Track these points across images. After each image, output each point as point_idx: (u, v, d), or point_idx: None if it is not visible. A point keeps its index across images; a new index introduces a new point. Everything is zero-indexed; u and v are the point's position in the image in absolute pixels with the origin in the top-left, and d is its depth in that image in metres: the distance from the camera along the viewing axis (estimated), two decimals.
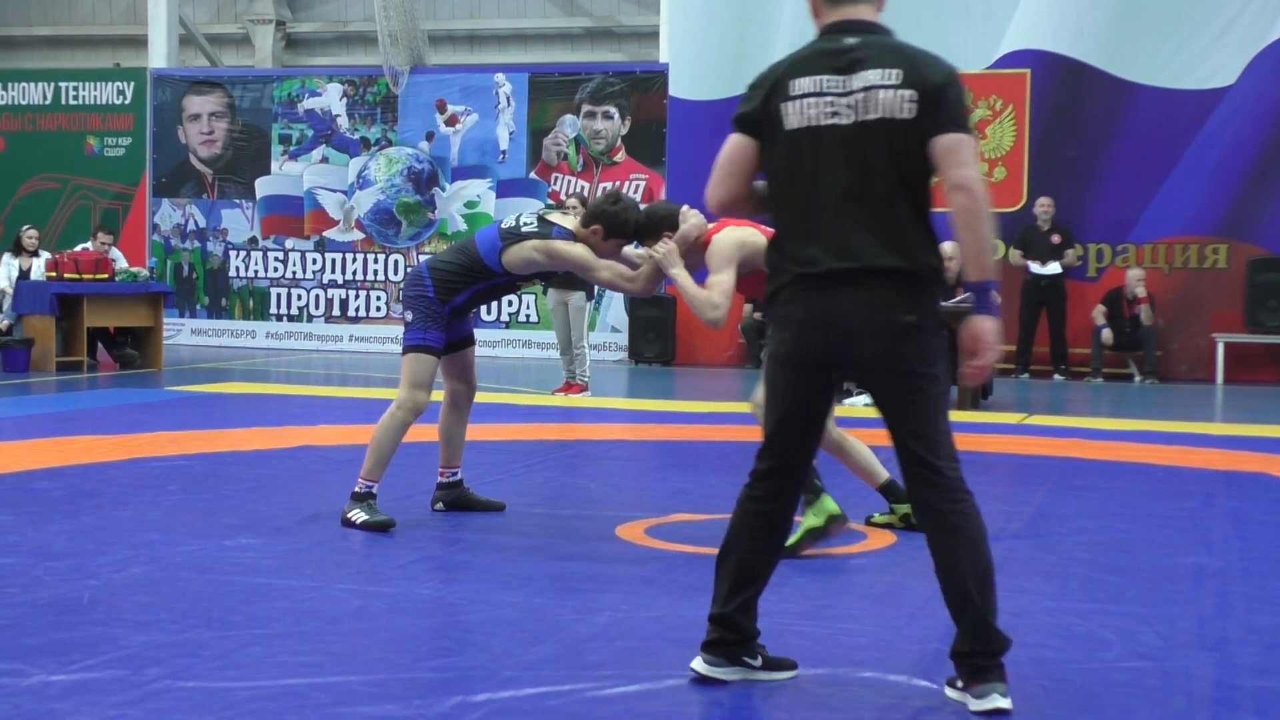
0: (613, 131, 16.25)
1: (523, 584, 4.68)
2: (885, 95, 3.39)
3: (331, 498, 6.11)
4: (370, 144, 17.07)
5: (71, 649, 3.76)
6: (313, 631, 4.04)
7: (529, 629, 4.07)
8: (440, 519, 5.85)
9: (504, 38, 19.55)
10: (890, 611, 4.38)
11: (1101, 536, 5.71)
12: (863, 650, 3.92)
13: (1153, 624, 4.25)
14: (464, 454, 6.02)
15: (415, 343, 5.59)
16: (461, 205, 16.72)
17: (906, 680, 3.64)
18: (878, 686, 3.58)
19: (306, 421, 9.04)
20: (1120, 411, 11.12)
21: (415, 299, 5.62)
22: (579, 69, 16.86)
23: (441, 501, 5.95)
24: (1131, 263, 14.45)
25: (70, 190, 18.14)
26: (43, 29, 20.82)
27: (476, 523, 5.74)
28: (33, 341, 12.94)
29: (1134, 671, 3.74)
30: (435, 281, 5.58)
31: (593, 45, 19.11)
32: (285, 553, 5.06)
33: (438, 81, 16.98)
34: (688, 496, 6.47)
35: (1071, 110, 14.67)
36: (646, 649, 3.94)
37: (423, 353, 5.58)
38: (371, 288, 16.99)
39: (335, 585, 4.61)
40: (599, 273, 5.51)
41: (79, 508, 5.93)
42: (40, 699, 3.34)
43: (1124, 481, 7.31)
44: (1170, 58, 14.43)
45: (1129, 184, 14.54)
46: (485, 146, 16.68)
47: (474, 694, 3.44)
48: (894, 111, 3.39)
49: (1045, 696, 3.52)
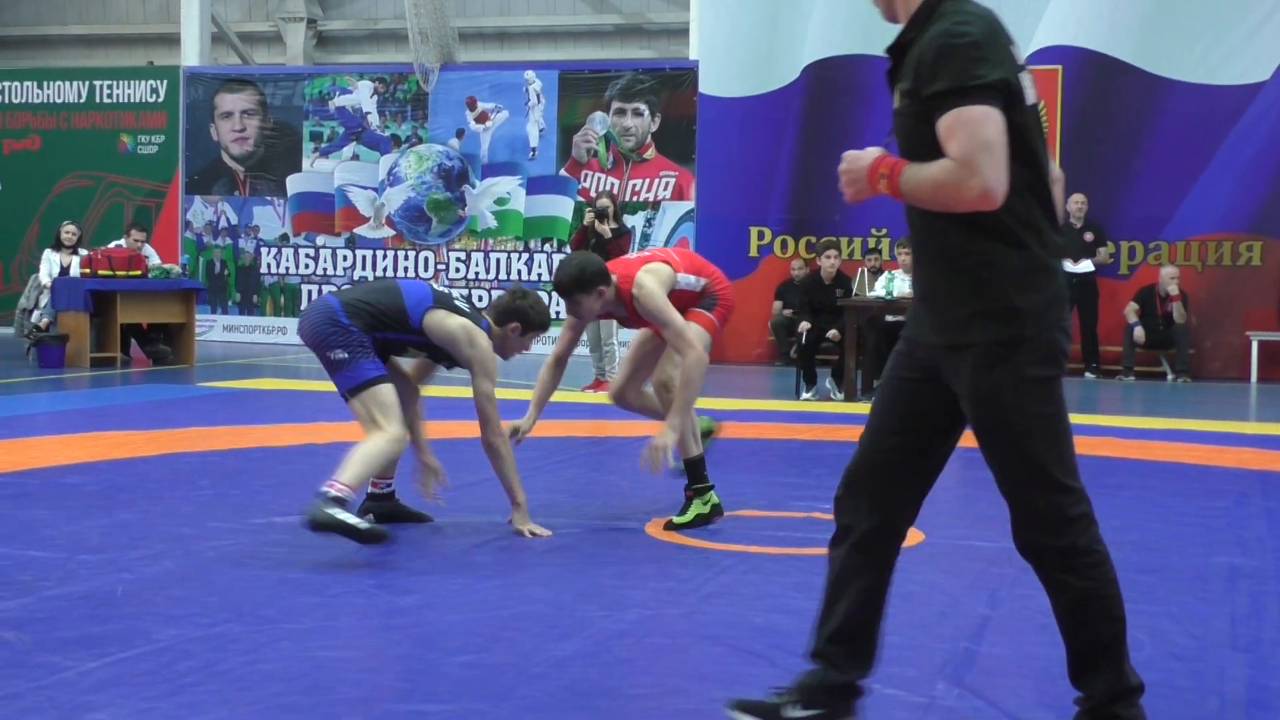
0: (643, 128, 16.25)
1: (551, 581, 4.68)
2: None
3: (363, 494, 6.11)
4: (401, 141, 17.12)
5: (105, 642, 3.79)
6: (344, 627, 4.06)
7: (558, 626, 4.08)
8: (465, 515, 5.85)
9: (534, 35, 19.57)
10: (920, 610, 4.37)
11: (1133, 536, 5.67)
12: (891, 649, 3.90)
13: (1185, 624, 4.22)
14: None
15: (360, 381, 5.12)
16: (492, 202, 16.75)
17: (937, 680, 3.63)
18: (908, 687, 3.57)
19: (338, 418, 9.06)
20: (1152, 410, 11.05)
21: (334, 334, 5.14)
22: (609, 66, 16.87)
23: (372, 513, 5.53)
24: (1164, 260, 14.36)
25: (104, 188, 18.27)
26: (77, 28, 20.96)
27: (503, 517, 5.75)
28: (67, 337, 13.03)
29: (1166, 672, 3.72)
30: (351, 314, 5.17)
31: (623, 42, 19.11)
32: (317, 548, 5.07)
33: (468, 79, 17.01)
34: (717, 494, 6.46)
35: (1103, 106, 14.59)
36: (675, 646, 3.94)
37: (373, 385, 5.13)
38: None
39: (366, 581, 4.63)
40: (485, 383, 5.31)
41: (112, 502, 5.97)
42: (74, 691, 3.36)
43: (1156, 481, 7.27)
44: (1204, 53, 14.33)
45: (1162, 181, 14.45)
46: (515, 144, 16.70)
47: (503, 690, 3.45)
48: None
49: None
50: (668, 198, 16.10)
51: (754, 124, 15.42)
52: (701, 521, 5.69)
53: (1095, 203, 14.34)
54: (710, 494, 5.78)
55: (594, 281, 5.56)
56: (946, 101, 2.73)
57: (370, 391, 5.12)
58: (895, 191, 2.83)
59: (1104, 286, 14.28)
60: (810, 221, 15.31)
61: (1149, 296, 14.03)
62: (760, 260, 15.53)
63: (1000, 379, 2.89)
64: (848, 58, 15.09)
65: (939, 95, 2.74)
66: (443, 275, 16.85)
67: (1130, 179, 14.61)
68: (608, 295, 5.60)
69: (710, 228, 15.64)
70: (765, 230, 15.54)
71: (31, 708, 3.23)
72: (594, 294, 5.56)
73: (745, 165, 15.46)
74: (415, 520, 5.68)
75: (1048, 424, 2.95)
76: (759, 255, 15.55)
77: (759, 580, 4.75)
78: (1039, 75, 14.61)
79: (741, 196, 15.51)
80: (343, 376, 5.15)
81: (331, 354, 5.14)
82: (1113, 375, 14.11)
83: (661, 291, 5.57)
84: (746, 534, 5.55)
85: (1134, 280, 14.48)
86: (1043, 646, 3.93)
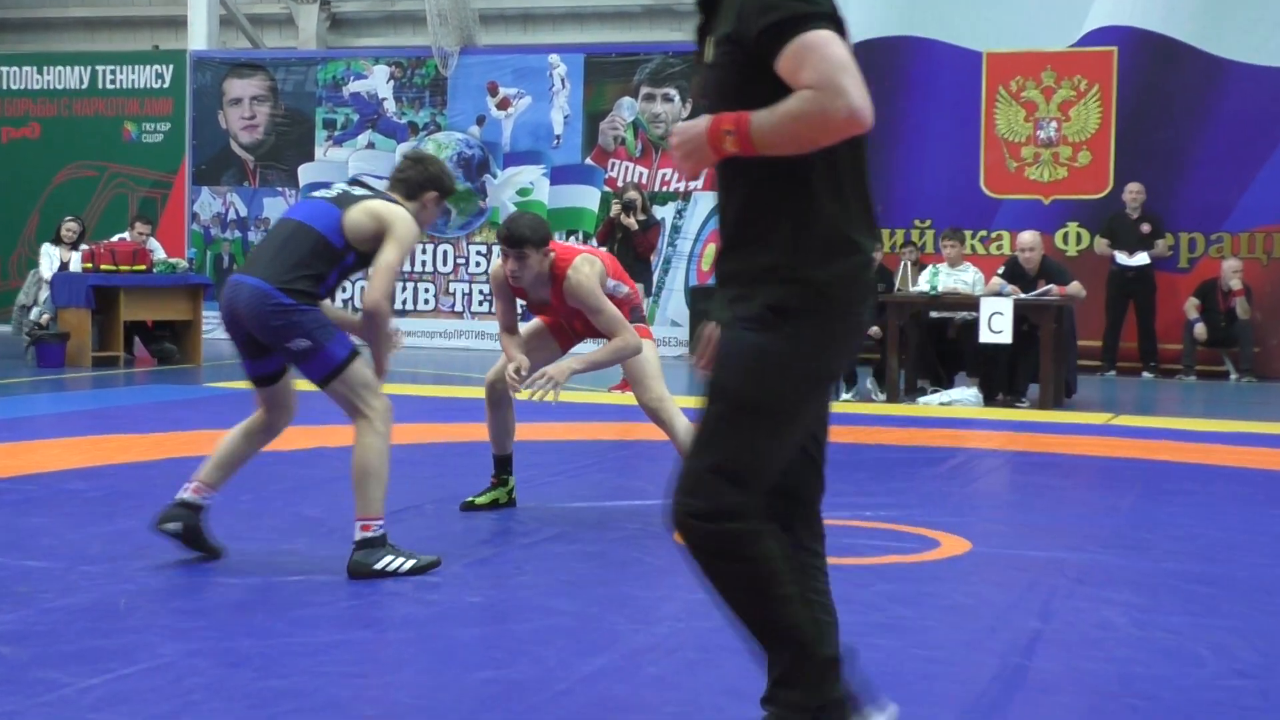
0: (672, 114, 16.23)
1: (577, 591, 4.68)
2: None
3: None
4: (418, 129, 17.16)
5: (107, 656, 3.80)
6: (358, 640, 4.06)
7: (584, 639, 4.07)
8: (489, 525, 5.86)
9: (558, 16, 19.56)
10: (969, 623, 4.34)
11: (1194, 545, 5.63)
12: (938, 665, 3.89)
13: (1250, 639, 4.19)
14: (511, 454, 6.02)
15: (333, 366, 4.94)
16: (514, 193, 16.77)
17: (986, 696, 3.61)
18: (957, 703, 3.55)
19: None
20: (1214, 411, 10.98)
21: (285, 324, 4.88)
22: (637, 49, 16.86)
23: (179, 521, 5.04)
24: (1226, 253, 14.27)
25: (107, 178, 18.37)
26: (79, 10, 21.07)
27: (528, 527, 5.75)
28: (68, 336, 13.09)
29: (1231, 690, 3.69)
30: (289, 291, 4.90)
31: (651, 24, 19.09)
32: (330, 557, 5.09)
33: (489, 63, 17.03)
34: None
35: (1161, 90, 14.50)
36: (707, 661, 3.93)
37: (347, 365, 4.96)
38: (420, 280, 17.07)
39: (382, 591, 4.63)
40: (396, 254, 5.01)
41: (116, 509, 6.00)
42: (75, 709, 3.37)
43: (1218, 486, 7.22)
44: (1268, 33, 14.23)
45: (1223, 168, 14.35)
46: (539, 131, 16.71)
47: (526, 708, 3.44)
48: None
49: (1134, 716, 3.48)
50: (699, 188, 16.08)
51: None
52: None
53: (1153, 192, 14.25)
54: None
55: (545, 241, 5.75)
56: (784, 32, 2.64)
57: (346, 373, 4.96)
58: (746, 144, 2.69)
59: (1162, 281, 14.20)
60: None
61: (1210, 291, 13.93)
62: None
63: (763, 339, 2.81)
64: (890, 39, 15.04)
65: (774, 27, 2.66)
66: (462, 270, 16.88)
67: (1190, 167, 14.52)
68: (543, 263, 5.74)
69: None
70: None
71: None
72: (542, 253, 5.72)
73: None
74: (208, 553, 5.09)
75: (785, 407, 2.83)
76: None
77: None
78: (1093, 58, 14.60)
79: None
80: (313, 366, 4.95)
81: (292, 345, 4.91)
82: (1172, 375, 14.02)
83: (596, 281, 5.77)
84: None
85: (1194, 274, 14.39)
86: (1096, 662, 3.91)
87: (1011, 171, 14.97)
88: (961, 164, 15.02)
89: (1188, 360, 13.93)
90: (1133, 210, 14.13)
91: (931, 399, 11.21)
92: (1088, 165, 14.72)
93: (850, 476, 7.35)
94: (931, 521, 5.99)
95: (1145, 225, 14.07)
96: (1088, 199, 14.70)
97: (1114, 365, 14.15)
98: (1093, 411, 10.88)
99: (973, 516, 6.30)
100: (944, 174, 15.03)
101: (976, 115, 14.93)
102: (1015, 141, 14.92)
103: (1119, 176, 14.50)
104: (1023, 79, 14.82)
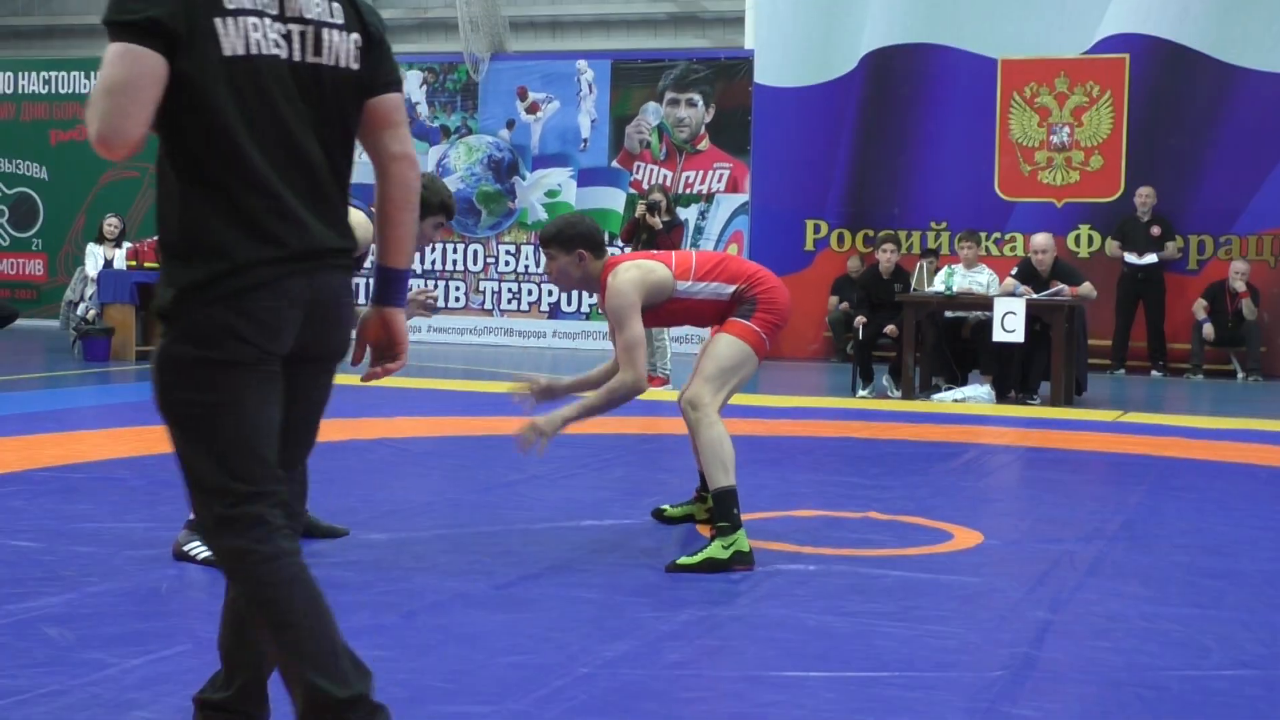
0: (696, 119, 16.23)
1: (601, 580, 4.68)
2: (334, 35, 2.70)
3: (409, 491, 6.15)
4: (450, 132, 17.18)
5: (149, 639, 3.82)
6: (388, 626, 4.07)
7: (607, 626, 4.08)
8: (512, 514, 5.86)
9: (586, 24, 19.57)
10: (980, 614, 4.34)
11: (1201, 539, 5.61)
12: (949, 654, 3.88)
13: (1255, 630, 4.17)
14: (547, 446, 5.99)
15: None
16: (542, 194, 16.78)
17: (996, 685, 3.60)
18: (967, 691, 3.55)
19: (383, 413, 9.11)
20: (1221, 410, 10.93)
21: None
22: (662, 55, 16.85)
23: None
24: (1235, 255, 14.18)
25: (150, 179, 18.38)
26: None
27: (551, 516, 5.75)
28: (113, 330, 13.17)
29: (1235, 680, 3.67)
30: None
31: (676, 31, 19.08)
32: (360, 546, 5.10)
33: (519, 68, 17.05)
34: (771, 492, 6.44)
35: (1173, 96, 14.43)
36: (728, 648, 3.93)
37: None
38: (450, 278, 17.09)
39: (411, 580, 4.64)
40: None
41: (158, 497, 6.02)
42: (118, 688, 3.39)
43: (1225, 482, 7.18)
44: (1278, 40, 14.14)
45: (1233, 173, 14.27)
46: (567, 135, 16.72)
47: (550, 692, 3.45)
48: (345, 59, 2.72)
49: (1141, 705, 3.47)
50: (722, 190, 16.07)
51: (811, 115, 15.36)
52: (714, 567, 4.83)
53: (1164, 195, 14.18)
54: (738, 537, 4.91)
55: (575, 243, 5.21)
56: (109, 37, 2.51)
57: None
58: None
59: (1171, 282, 14.13)
60: (868, 214, 15.24)
61: (1218, 292, 13.87)
62: (816, 254, 15.47)
63: (155, 353, 2.67)
64: (909, 46, 15.00)
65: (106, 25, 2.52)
66: (492, 268, 16.90)
67: (1200, 171, 14.44)
68: (588, 267, 5.23)
69: (765, 221, 15.60)
70: (822, 223, 15.48)
71: (75, 705, 3.27)
72: (573, 255, 5.22)
73: (801, 157, 15.40)
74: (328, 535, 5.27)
75: (195, 413, 2.68)
76: (815, 249, 15.50)
77: (813, 581, 4.73)
78: (1106, 65, 14.53)
79: (797, 189, 15.45)
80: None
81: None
82: (1181, 373, 13.96)
83: (634, 294, 5.13)
84: (800, 534, 5.53)
85: (1203, 275, 14.32)
86: (1104, 652, 3.90)
87: (1025, 175, 14.91)
88: (977, 168, 14.97)
89: (1196, 359, 13.86)
90: (1143, 213, 14.06)
91: (946, 396, 11.18)
92: (1100, 169, 14.66)
93: (866, 470, 7.34)
94: (945, 515, 5.97)
95: (1155, 228, 14.01)
96: (1099, 202, 14.64)
97: (1124, 364, 14.09)
98: (1103, 409, 10.84)
99: (985, 510, 6.29)
100: (960, 177, 14.98)
101: (991, 120, 14.88)
102: (1029, 146, 14.86)
103: (1130, 180, 14.43)
104: (1037, 85, 14.76)
